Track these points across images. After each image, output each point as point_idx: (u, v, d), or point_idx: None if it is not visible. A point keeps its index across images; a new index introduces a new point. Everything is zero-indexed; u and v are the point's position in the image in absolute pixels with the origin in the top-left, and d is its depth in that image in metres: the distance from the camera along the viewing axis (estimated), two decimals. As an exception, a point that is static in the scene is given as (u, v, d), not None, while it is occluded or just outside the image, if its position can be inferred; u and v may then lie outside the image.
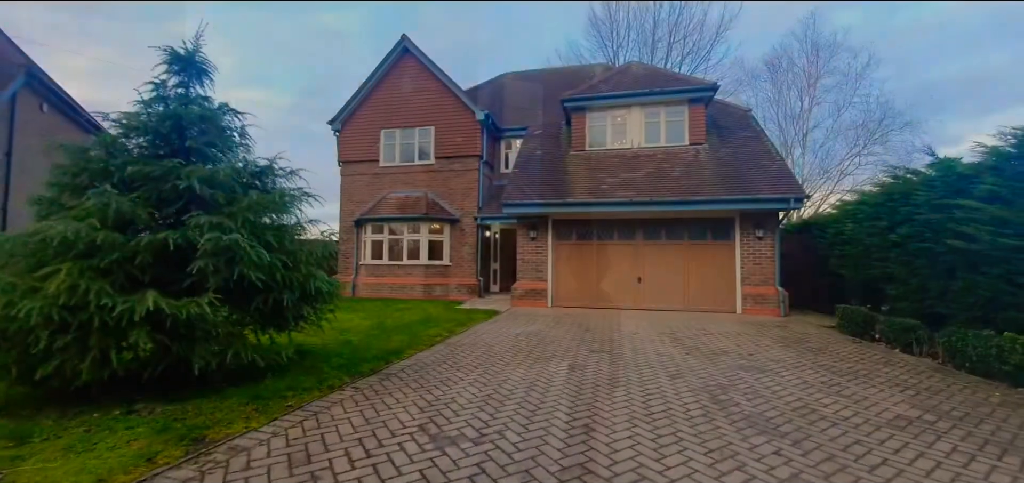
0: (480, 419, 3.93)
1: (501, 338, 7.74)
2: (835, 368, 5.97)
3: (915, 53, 33.56)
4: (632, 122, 13.44)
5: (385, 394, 4.62)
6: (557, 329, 8.75)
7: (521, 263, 12.84)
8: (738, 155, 12.36)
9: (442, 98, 15.56)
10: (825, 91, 23.86)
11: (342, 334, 7.52)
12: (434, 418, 3.95)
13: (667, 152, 12.91)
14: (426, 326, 8.58)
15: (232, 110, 5.28)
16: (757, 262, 11.47)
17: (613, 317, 10.52)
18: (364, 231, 15.58)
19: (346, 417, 3.97)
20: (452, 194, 15.35)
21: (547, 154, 14.07)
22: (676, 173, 11.99)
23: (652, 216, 11.96)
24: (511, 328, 8.85)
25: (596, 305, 12.25)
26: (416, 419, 3.92)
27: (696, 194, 11.09)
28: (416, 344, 6.93)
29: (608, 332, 8.47)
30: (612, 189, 11.76)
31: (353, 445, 3.40)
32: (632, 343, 7.44)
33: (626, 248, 12.30)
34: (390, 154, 16.09)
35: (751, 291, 11.38)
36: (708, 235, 11.88)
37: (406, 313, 10.59)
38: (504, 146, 16.96)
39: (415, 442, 3.45)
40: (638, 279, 12.08)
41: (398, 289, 14.81)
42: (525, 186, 12.63)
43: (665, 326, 9.29)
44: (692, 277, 11.83)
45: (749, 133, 13.39)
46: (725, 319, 10.45)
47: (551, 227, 12.77)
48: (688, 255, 11.91)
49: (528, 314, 10.98)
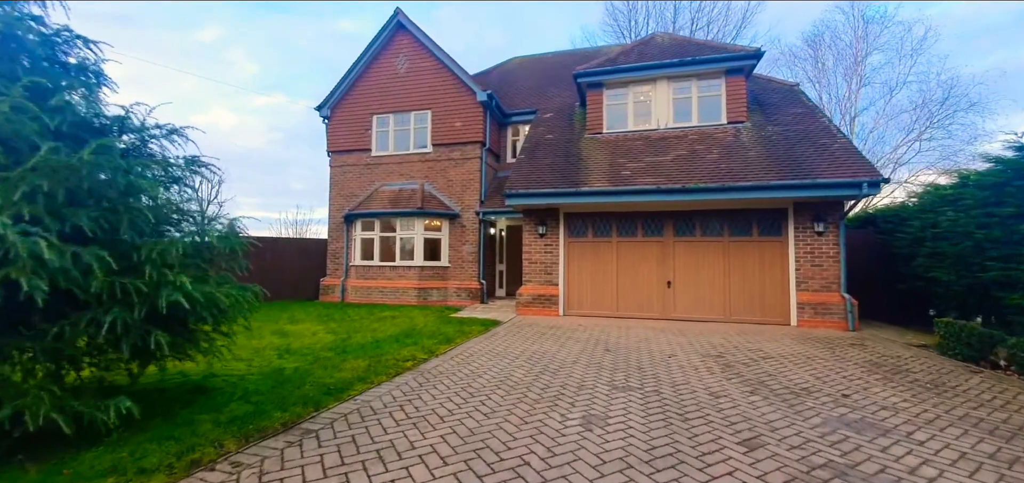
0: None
1: (494, 364, 5.88)
2: (991, 426, 3.93)
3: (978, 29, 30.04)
4: (658, 99, 11.44)
5: (277, 478, 2.82)
6: (569, 348, 6.84)
7: (528, 264, 10.97)
8: (789, 134, 10.24)
9: (440, 78, 13.80)
10: (873, 71, 21.32)
11: (280, 358, 5.78)
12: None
13: (701, 133, 10.87)
14: (401, 344, 6.78)
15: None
16: (817, 262, 9.36)
17: (638, 331, 8.56)
18: (354, 228, 13.92)
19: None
20: (451, 186, 13.57)
21: (558, 138, 12.17)
22: (713, 156, 9.94)
23: (684, 207, 9.94)
24: (510, 346, 6.98)
25: (617, 314, 10.29)
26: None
27: (740, 179, 9.04)
28: (375, 374, 5.12)
29: (635, 354, 6.53)
30: (635, 175, 9.80)
31: None
32: (670, 373, 5.49)
33: (652, 246, 10.30)
34: (383, 142, 14.40)
35: (809, 298, 9.27)
36: (753, 230, 9.81)
37: (386, 324, 8.82)
38: (511, 133, 15.11)
39: None
40: (667, 283, 10.07)
41: (390, 293, 13.09)
42: (532, 174, 10.76)
43: (707, 344, 7.30)
44: (733, 281, 9.77)
45: (800, 109, 11.24)
46: (779, 334, 8.39)
47: (563, 222, 10.86)
48: (728, 254, 9.86)
49: (535, 326, 9.10)
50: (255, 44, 65.91)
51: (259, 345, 6.56)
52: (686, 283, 10.00)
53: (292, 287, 14.65)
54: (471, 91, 13.38)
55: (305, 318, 9.61)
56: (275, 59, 66.06)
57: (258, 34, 67.36)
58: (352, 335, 7.46)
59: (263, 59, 63.32)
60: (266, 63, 64.43)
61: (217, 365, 5.25)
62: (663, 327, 9.04)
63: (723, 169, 9.43)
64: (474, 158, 13.42)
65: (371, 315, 10.16)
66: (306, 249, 15.16)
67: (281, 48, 67.52)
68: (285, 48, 67.91)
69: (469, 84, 13.37)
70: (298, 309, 11.30)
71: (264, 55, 63.80)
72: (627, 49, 13.06)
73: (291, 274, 14.73)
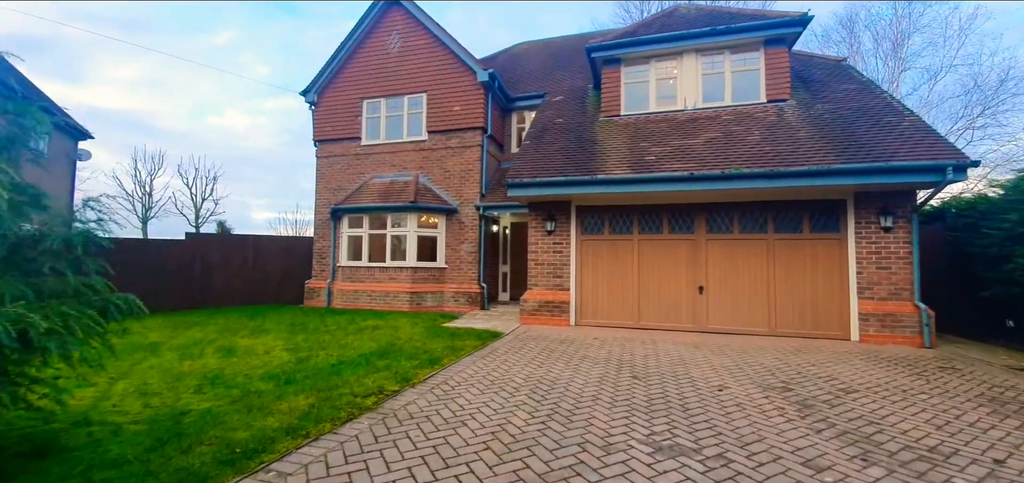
0: None
1: (487, 401, 4.39)
2: None
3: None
4: (685, 75, 9.88)
5: None
6: (584, 373, 5.33)
7: (534, 265, 9.47)
8: (843, 112, 8.64)
9: (436, 56, 12.36)
10: (913, 55, 19.46)
11: (197, 392, 4.33)
12: None
13: (736, 112, 9.29)
14: (371, 367, 5.31)
15: None
16: (883, 264, 7.74)
17: (667, 347, 7.01)
18: (341, 225, 12.53)
19: None
20: (448, 177, 12.11)
21: (569, 122, 10.66)
22: (754, 138, 8.36)
23: (720, 198, 8.38)
24: (511, 370, 5.49)
25: (638, 325, 8.75)
26: None
27: (791, 163, 7.45)
28: (317, 420, 3.66)
29: (672, 383, 5.00)
30: (660, 161, 8.25)
31: None
32: (730, 419, 3.96)
33: (681, 245, 8.74)
34: (374, 130, 13.00)
35: (874, 308, 7.66)
36: (804, 225, 8.21)
37: (364, 337, 7.37)
38: (515, 120, 13.62)
39: None
40: (699, 289, 8.51)
41: (379, 298, 11.67)
42: (540, 161, 9.26)
43: (760, 368, 5.74)
44: (779, 286, 8.18)
45: (852, 85, 9.62)
46: (841, 352, 6.80)
47: (575, 216, 9.35)
48: (773, 254, 8.27)
49: (541, 339, 7.60)
50: (266, 47, 65.86)
51: (184, 370, 5.15)
52: (722, 289, 8.42)
53: (275, 290, 13.32)
54: (471, 71, 11.92)
55: (272, 328, 8.21)
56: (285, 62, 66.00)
57: (269, 37, 67.38)
58: (314, 354, 6.02)
59: (273, 61, 63.19)
60: (276, 65, 64.23)
61: (105, 405, 3.84)
62: (695, 342, 7.48)
63: (768, 152, 7.85)
64: (474, 146, 11.95)
65: (352, 324, 8.72)
66: (291, 248, 13.82)
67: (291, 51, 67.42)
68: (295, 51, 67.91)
69: (468, 63, 11.91)
70: (272, 317, 9.92)
71: (274, 58, 63.69)
72: (647, 21, 11.51)
73: (274, 276, 13.39)
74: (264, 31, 66.93)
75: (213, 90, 54.26)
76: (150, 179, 28.76)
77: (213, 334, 7.63)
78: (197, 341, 6.98)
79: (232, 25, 62.00)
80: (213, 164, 48.67)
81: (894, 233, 7.80)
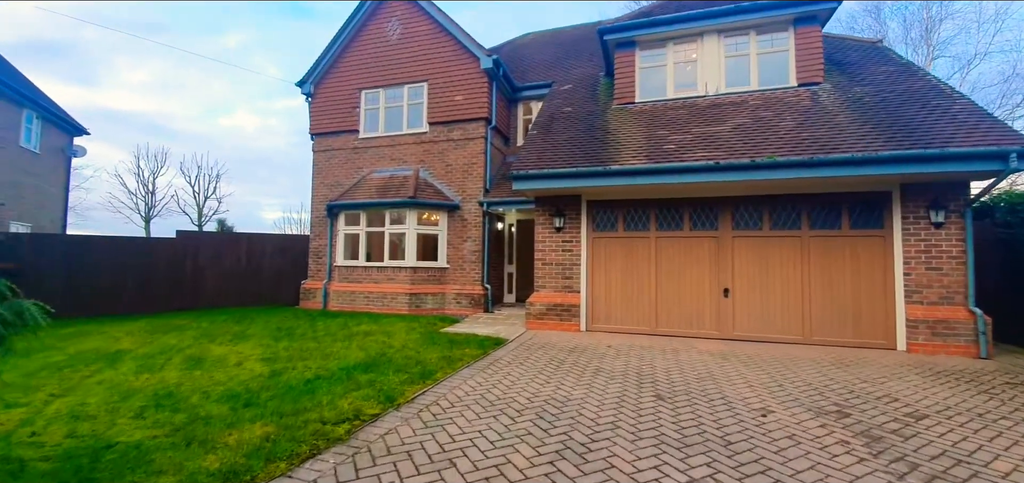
0: None
1: (483, 430, 3.66)
2: None
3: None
4: (706, 58, 9.06)
5: None
6: (600, 391, 4.57)
7: (541, 266, 8.71)
8: (886, 95, 7.77)
9: (437, 43, 11.64)
10: (944, 43, 18.37)
11: (139, 416, 3.64)
12: None
13: (764, 98, 8.46)
14: (352, 382, 4.59)
15: None
16: (934, 265, 6.88)
17: (691, 358, 6.21)
18: (337, 222, 11.87)
19: None
20: (450, 172, 11.40)
21: (579, 111, 9.88)
22: (788, 124, 7.53)
23: (749, 190, 7.56)
24: (514, 387, 4.75)
25: (655, 331, 7.95)
26: None
27: (833, 150, 6.61)
28: (271, 456, 2.94)
29: (703, 404, 4.22)
30: (682, 150, 7.45)
31: None
32: (784, 457, 3.17)
33: (704, 243, 7.93)
34: (373, 122, 12.32)
35: (924, 314, 6.80)
36: (843, 220, 7.36)
37: (352, 345, 6.65)
38: (522, 111, 12.86)
39: None
40: (724, 292, 7.69)
41: (376, 300, 10.98)
42: (547, 151, 8.50)
43: (803, 385, 4.93)
44: (815, 289, 7.34)
45: (892, 67, 8.73)
46: (889, 363, 5.96)
47: (586, 212, 8.58)
48: (808, 253, 7.43)
49: (549, 347, 6.85)
50: (277, 48, 66.05)
51: (136, 386, 4.48)
52: (750, 291, 7.60)
53: (270, 291, 12.70)
54: (474, 57, 11.18)
55: (256, 334, 7.54)
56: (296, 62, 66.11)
57: (280, 38, 67.57)
58: (292, 366, 5.31)
59: (284, 63, 63.35)
60: (287, 66, 64.34)
61: (22, 432, 3.16)
62: (721, 351, 6.68)
63: (805, 139, 7.01)
64: (477, 138, 11.22)
65: (343, 329, 8.03)
66: (287, 247, 13.19)
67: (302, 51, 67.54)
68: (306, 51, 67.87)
69: (471, 49, 11.17)
70: (260, 320, 9.26)
71: (285, 59, 63.87)
72: (664, 1, 10.68)
73: (269, 276, 12.78)
74: (275, 32, 67.18)
75: (224, 92, 54.79)
76: (153, 177, 28.46)
77: (188, 340, 6.98)
78: (167, 349, 6.33)
79: (243, 27, 62.38)
80: (216, 162, 48.67)
81: (945, 229, 6.93)
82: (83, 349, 6.51)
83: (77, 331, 8.39)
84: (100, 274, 11.20)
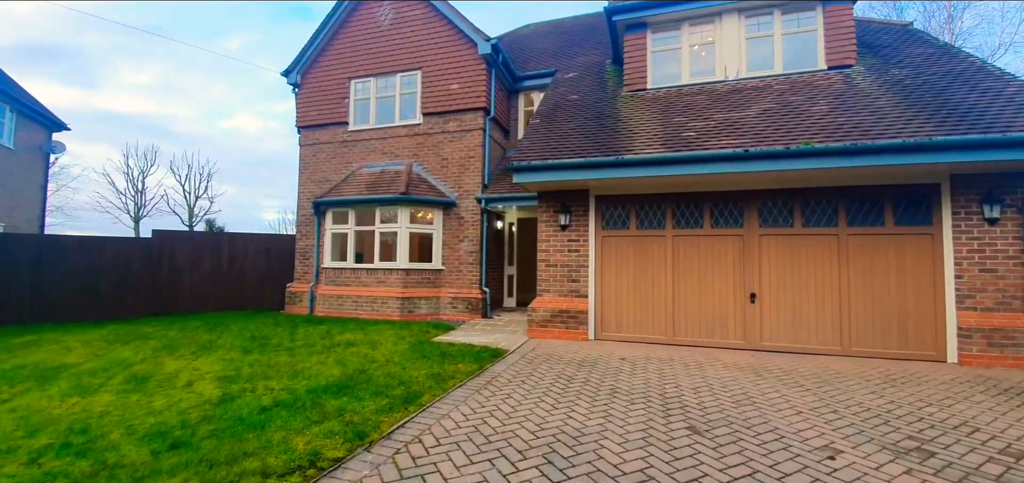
0: None
1: (476, 479, 2.83)
2: None
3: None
4: (725, 40, 8.26)
5: None
6: (618, 422, 3.75)
7: (545, 268, 7.89)
8: (926, 78, 6.98)
9: (432, 28, 10.84)
10: (965, 34, 17.58)
11: (28, 463, 2.83)
12: None
13: (791, 81, 7.66)
14: (314, 412, 3.76)
15: None
16: (988, 265, 6.07)
17: (719, 374, 5.39)
18: (325, 221, 11.06)
19: None
20: (446, 166, 10.59)
21: (586, 98, 9.08)
22: (821, 107, 6.72)
23: (778, 182, 6.75)
24: (513, 416, 3.93)
25: (672, 340, 7.13)
26: None
27: (878, 135, 5.79)
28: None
29: (752, 444, 3.40)
30: (703, 138, 6.63)
31: None
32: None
33: (727, 243, 7.11)
34: (363, 114, 11.51)
35: (978, 321, 5.99)
36: (886, 216, 6.54)
37: (329, 358, 5.83)
38: (523, 102, 12.06)
39: None
40: (750, 297, 6.87)
41: (366, 304, 10.16)
42: (551, 141, 7.69)
43: (858, 409, 4.11)
44: (855, 293, 6.52)
45: (929, 49, 7.95)
46: (945, 380, 5.15)
47: (595, 208, 7.77)
48: (847, 253, 6.61)
49: (555, 360, 6.03)
50: (278, 51, 65.54)
51: (54, 413, 3.66)
52: (779, 296, 6.78)
53: (254, 295, 11.89)
54: (471, 43, 10.38)
55: (225, 344, 6.72)
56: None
57: (282, 41, 67.09)
58: (251, 387, 4.49)
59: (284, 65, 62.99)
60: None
61: None
62: (752, 364, 5.86)
63: (843, 124, 6.20)
64: (475, 130, 10.41)
65: (325, 339, 7.21)
66: (272, 248, 12.36)
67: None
68: (306, 53, 67.24)
69: (468, 34, 10.37)
70: (235, 327, 8.44)
71: (286, 62, 63.48)
72: (676, -18, 9.87)
73: (252, 279, 11.97)
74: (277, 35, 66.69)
75: (225, 94, 54.44)
76: (143, 176, 27.64)
77: (145, 353, 6.16)
78: (116, 364, 5.51)
79: (246, 29, 61.91)
80: (207, 160, 47.88)
81: (1001, 226, 6.12)
82: (24, 363, 5.70)
83: (33, 340, 7.59)
84: (71, 277, 10.40)
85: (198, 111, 50.48)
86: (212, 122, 51.31)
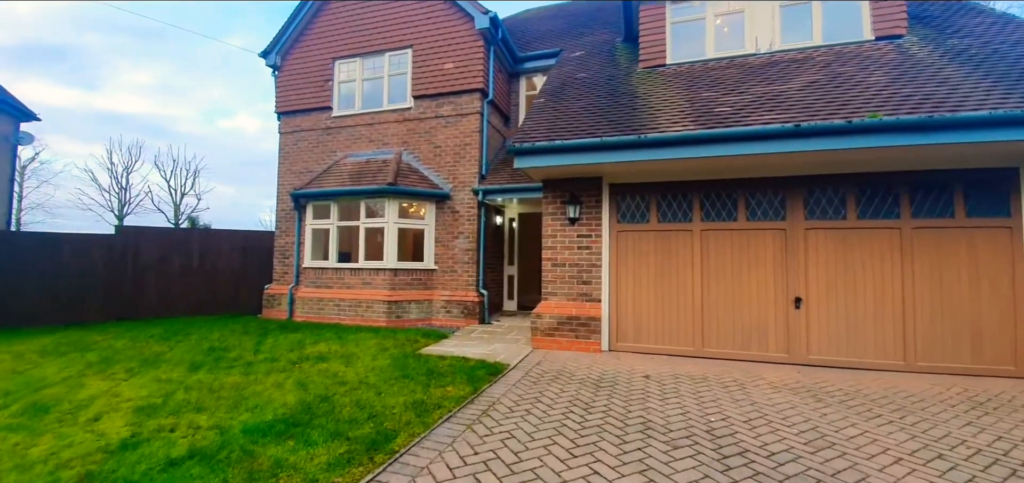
0: None
1: None
2: None
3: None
4: (756, 9, 7.24)
5: None
6: (662, 475, 2.73)
7: (551, 267, 6.86)
8: (995, 47, 5.97)
9: (423, 2, 9.78)
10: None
11: None
12: None
13: (835, 52, 6.64)
14: (241, 467, 2.74)
15: None
16: (1088, 266, 5.05)
17: (767, 395, 4.36)
18: (305, 215, 10.01)
19: None
20: (439, 154, 9.55)
21: (597, 76, 8.06)
22: (878, 78, 5.70)
23: (828, 166, 5.72)
24: (520, 469, 2.91)
25: (701, 353, 6.10)
26: None
27: (957, 106, 4.77)
28: None
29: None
30: (740, 113, 5.60)
31: None
32: None
33: (767, 237, 6.07)
34: (348, 98, 10.46)
35: (1075, 332, 4.97)
36: (957, 206, 5.51)
37: (288, 378, 4.79)
38: (524, 87, 11.02)
39: None
40: (795, 302, 5.84)
41: (349, 308, 9.12)
42: (558, 120, 6.66)
43: (963, 448, 3.10)
44: (921, 296, 5.49)
45: (989, 18, 6.96)
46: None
47: (609, 198, 6.73)
48: (911, 250, 5.58)
49: (565, 379, 5.00)
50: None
51: None
52: (829, 301, 5.75)
53: (229, 297, 10.85)
54: (467, 17, 9.34)
55: (173, 359, 5.67)
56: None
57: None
58: (170, 425, 3.45)
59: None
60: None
61: None
62: (803, 383, 4.83)
63: (911, 95, 5.18)
64: (472, 114, 9.37)
65: (295, 351, 6.16)
66: (249, 246, 11.31)
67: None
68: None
69: (463, 6, 9.33)
70: (194, 336, 7.38)
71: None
72: (696, -52, 8.85)
73: (226, 279, 10.92)
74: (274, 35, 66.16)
75: (226, 95, 53.86)
76: (127, 172, 26.51)
77: (72, 371, 5.11)
78: (26, 385, 4.48)
79: (248, 29, 61.25)
80: (194, 156, 46.73)
81: (1096, 218, 5.12)
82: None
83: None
84: (25, 278, 9.34)
85: (198, 111, 49.83)
86: (212, 122, 50.66)
